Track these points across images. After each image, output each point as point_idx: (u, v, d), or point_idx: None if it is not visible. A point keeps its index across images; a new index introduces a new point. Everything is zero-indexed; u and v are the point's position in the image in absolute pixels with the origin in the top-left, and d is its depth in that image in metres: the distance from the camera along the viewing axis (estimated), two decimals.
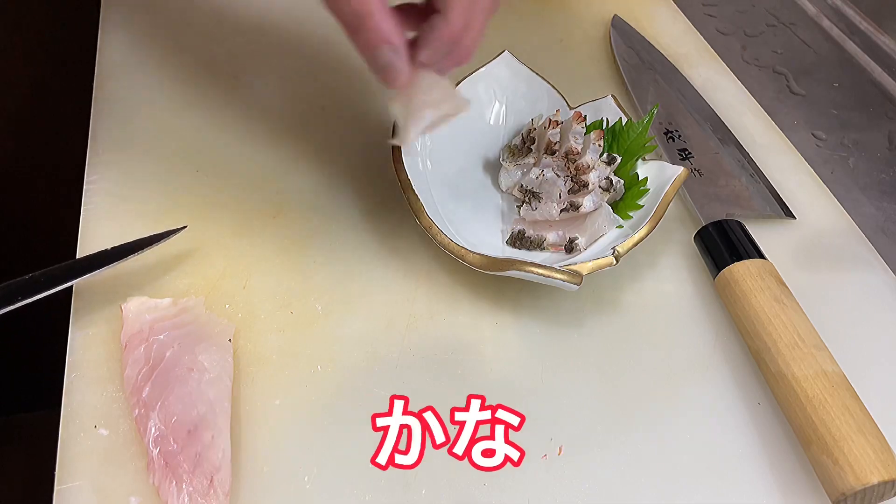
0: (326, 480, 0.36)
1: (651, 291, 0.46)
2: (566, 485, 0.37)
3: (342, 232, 0.47)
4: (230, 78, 0.56)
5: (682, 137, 0.54)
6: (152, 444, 0.36)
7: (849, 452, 0.35)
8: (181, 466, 0.35)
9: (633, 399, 0.41)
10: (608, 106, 0.51)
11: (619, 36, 0.63)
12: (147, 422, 0.36)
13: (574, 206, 0.46)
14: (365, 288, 0.44)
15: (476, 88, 0.52)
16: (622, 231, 0.45)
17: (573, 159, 0.47)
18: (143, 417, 0.36)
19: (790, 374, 0.38)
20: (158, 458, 0.35)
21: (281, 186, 0.49)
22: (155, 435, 0.36)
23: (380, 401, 0.39)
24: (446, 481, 0.37)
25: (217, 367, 0.38)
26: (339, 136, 0.53)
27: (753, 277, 0.42)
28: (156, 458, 0.35)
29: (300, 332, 0.42)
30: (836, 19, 0.66)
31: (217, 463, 0.35)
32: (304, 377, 0.40)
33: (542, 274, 0.40)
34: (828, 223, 0.51)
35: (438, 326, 0.43)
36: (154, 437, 0.36)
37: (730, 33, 0.67)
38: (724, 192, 0.51)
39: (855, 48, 0.64)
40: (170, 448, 0.35)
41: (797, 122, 0.58)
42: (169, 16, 0.60)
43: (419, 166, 0.47)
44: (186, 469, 0.35)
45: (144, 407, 0.37)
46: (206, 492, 0.34)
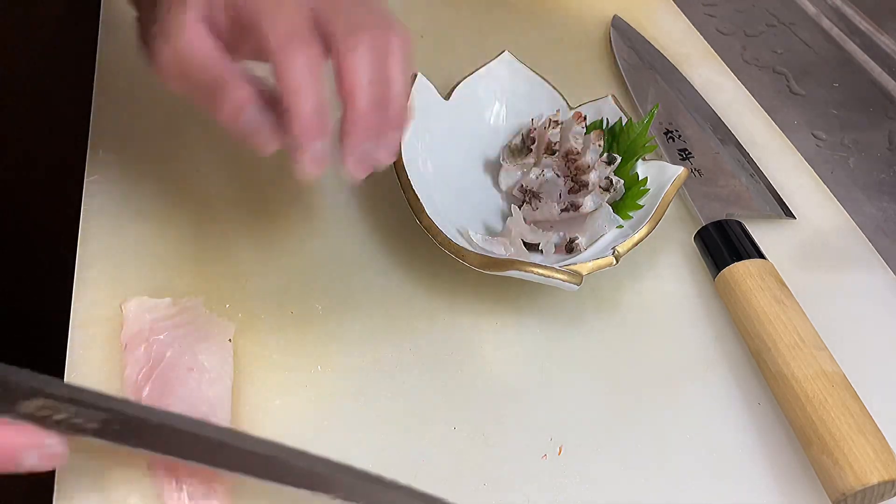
0: None
1: (651, 291, 0.46)
2: (566, 485, 0.37)
3: (342, 232, 0.47)
4: None
5: (682, 137, 0.54)
6: None
7: (849, 452, 0.35)
8: (181, 467, 0.35)
9: (633, 399, 0.41)
10: (608, 106, 0.51)
11: (619, 36, 0.63)
12: None
13: (574, 206, 0.46)
14: (365, 288, 0.44)
15: (476, 88, 0.52)
16: (622, 231, 0.45)
17: (573, 159, 0.47)
18: None
19: (790, 374, 0.38)
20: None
21: (281, 187, 0.49)
22: None
23: (380, 402, 0.39)
24: (447, 483, 0.37)
25: (217, 368, 0.38)
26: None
27: (753, 277, 0.42)
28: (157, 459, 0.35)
29: (300, 333, 0.42)
30: (836, 19, 0.66)
31: None
32: (304, 378, 0.40)
33: (542, 274, 0.40)
34: (828, 223, 0.51)
35: (438, 326, 0.43)
36: None
37: (730, 33, 0.67)
38: (724, 192, 0.51)
39: (855, 48, 0.64)
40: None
41: (797, 122, 0.58)
42: None
43: (419, 166, 0.47)
44: (187, 469, 0.35)
45: None
46: (207, 492, 0.34)
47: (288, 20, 0.34)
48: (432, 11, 0.64)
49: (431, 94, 0.49)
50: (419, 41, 0.61)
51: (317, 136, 0.33)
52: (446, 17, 0.63)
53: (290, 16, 0.34)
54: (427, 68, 0.52)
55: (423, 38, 0.61)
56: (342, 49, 0.34)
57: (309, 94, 0.33)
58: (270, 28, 0.34)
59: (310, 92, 0.33)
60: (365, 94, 0.34)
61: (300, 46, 0.33)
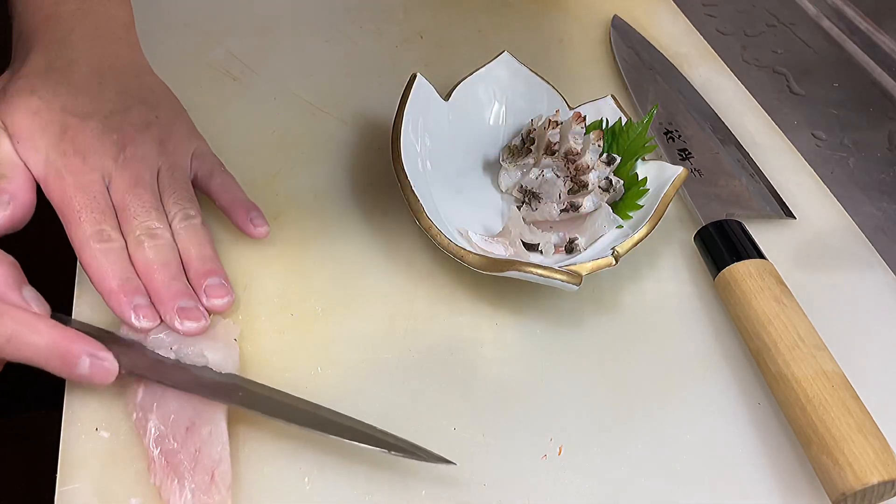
0: (327, 481, 0.36)
1: (651, 291, 0.46)
2: (566, 485, 0.37)
3: (342, 233, 0.47)
4: (230, 79, 0.56)
5: (682, 137, 0.54)
6: (153, 445, 0.36)
7: (849, 452, 0.35)
8: (182, 464, 0.35)
9: (633, 399, 0.41)
10: (608, 106, 0.51)
11: (619, 36, 0.63)
12: (147, 423, 0.36)
13: (574, 206, 0.46)
14: (365, 289, 0.44)
15: (476, 89, 0.52)
16: (622, 231, 0.45)
17: (573, 159, 0.47)
18: (141, 420, 0.36)
19: (790, 375, 0.38)
20: (159, 458, 0.35)
21: (281, 188, 0.49)
22: (155, 435, 0.36)
23: (380, 402, 0.39)
24: (447, 483, 0.37)
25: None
26: (340, 137, 0.53)
27: (753, 277, 0.42)
28: (156, 458, 0.35)
29: (300, 334, 0.42)
30: (836, 19, 0.66)
31: (217, 457, 0.35)
32: (304, 378, 0.40)
33: (542, 274, 0.40)
34: (828, 223, 0.51)
35: (438, 327, 0.43)
36: (154, 438, 0.36)
37: (730, 33, 0.67)
38: (724, 192, 0.51)
39: (855, 48, 0.64)
40: (170, 447, 0.36)
41: (797, 122, 0.58)
42: (167, 16, 0.60)
43: (419, 167, 0.47)
44: (187, 466, 0.35)
45: (142, 409, 0.37)
46: (208, 487, 0.35)
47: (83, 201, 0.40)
48: (432, 11, 0.64)
49: (431, 94, 0.49)
50: (419, 41, 0.61)
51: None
52: (446, 17, 0.63)
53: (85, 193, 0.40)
54: (427, 68, 0.52)
55: (423, 38, 0.61)
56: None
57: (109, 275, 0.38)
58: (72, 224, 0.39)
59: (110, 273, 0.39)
60: (158, 274, 0.39)
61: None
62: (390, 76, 0.55)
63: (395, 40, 0.61)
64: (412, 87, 0.48)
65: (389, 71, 0.57)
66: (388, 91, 0.50)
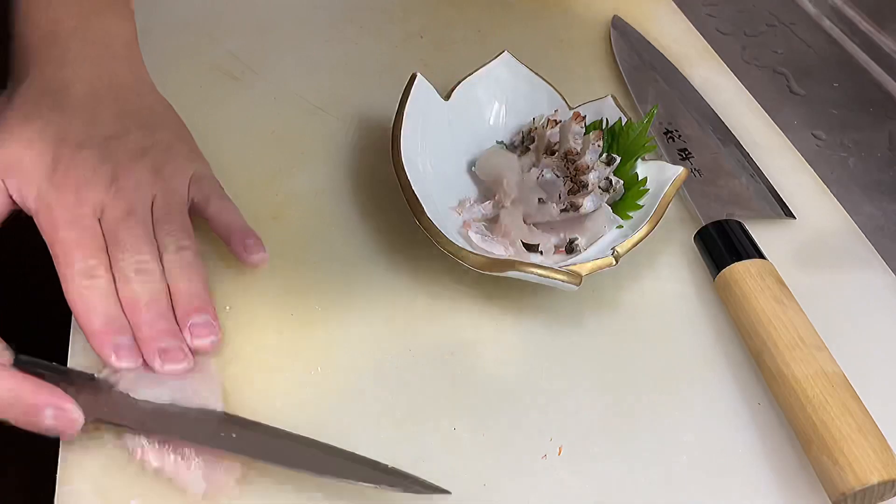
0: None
1: (651, 291, 0.46)
2: (566, 485, 0.37)
3: (342, 233, 0.47)
4: (230, 79, 0.56)
5: (682, 137, 0.54)
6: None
7: (849, 452, 0.35)
8: None
9: (633, 399, 0.41)
10: (608, 106, 0.51)
11: (619, 36, 0.63)
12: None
13: (574, 206, 0.46)
14: (365, 289, 0.44)
15: (476, 89, 0.52)
16: (622, 231, 0.45)
17: (573, 160, 0.47)
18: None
19: (790, 375, 0.38)
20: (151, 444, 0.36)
21: (281, 188, 0.49)
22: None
23: (380, 402, 0.39)
24: (447, 483, 0.37)
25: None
26: (339, 136, 0.53)
27: (753, 277, 0.42)
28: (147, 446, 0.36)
29: (300, 334, 0.42)
30: (836, 19, 0.66)
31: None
32: (304, 379, 0.40)
33: (542, 274, 0.40)
34: (828, 223, 0.51)
35: (438, 327, 0.43)
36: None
37: (730, 33, 0.67)
38: (724, 192, 0.51)
39: (855, 48, 0.64)
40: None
41: (797, 122, 0.58)
42: (167, 16, 0.60)
43: (419, 167, 0.47)
44: None
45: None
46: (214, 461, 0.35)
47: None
48: (432, 11, 0.64)
49: (431, 94, 0.49)
50: (419, 41, 0.61)
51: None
52: (446, 17, 0.63)
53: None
54: (427, 68, 0.52)
55: (423, 38, 0.61)
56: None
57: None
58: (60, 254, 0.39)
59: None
60: (144, 312, 0.38)
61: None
62: (390, 76, 0.55)
63: (395, 40, 0.61)
64: (412, 86, 0.48)
65: (389, 71, 0.57)
66: (388, 91, 0.50)
